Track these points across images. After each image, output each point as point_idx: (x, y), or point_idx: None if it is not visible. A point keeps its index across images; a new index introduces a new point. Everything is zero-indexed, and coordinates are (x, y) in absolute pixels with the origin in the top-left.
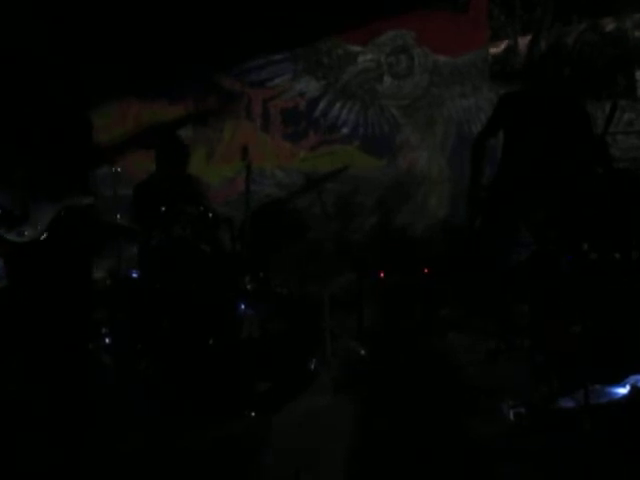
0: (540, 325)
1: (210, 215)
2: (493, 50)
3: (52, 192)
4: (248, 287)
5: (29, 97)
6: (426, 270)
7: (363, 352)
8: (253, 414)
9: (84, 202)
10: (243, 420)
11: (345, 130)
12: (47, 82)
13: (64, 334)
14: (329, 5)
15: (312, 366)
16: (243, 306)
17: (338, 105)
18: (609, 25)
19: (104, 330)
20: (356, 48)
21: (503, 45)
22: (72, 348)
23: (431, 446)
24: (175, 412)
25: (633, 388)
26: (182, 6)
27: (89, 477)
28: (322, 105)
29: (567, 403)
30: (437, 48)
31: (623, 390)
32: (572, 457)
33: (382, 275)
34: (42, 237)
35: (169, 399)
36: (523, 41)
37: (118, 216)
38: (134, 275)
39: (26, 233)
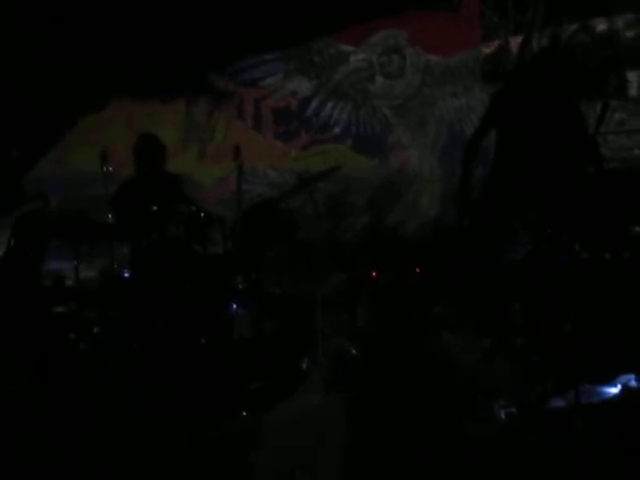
0: (534, 324)
1: (202, 215)
2: (485, 50)
3: (2, 207)
4: (240, 287)
5: None
6: (418, 269)
7: (355, 352)
8: (245, 413)
9: (34, 206)
10: (237, 419)
11: (337, 130)
12: None
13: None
14: (322, 5)
15: (304, 365)
16: (235, 306)
17: (330, 105)
18: (600, 25)
19: (96, 330)
20: (348, 48)
21: (495, 45)
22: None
23: (425, 445)
24: (168, 411)
25: (624, 388)
26: (175, 6)
27: (86, 477)
28: (314, 104)
29: (558, 403)
30: (429, 48)
31: (614, 390)
32: (563, 457)
33: (374, 274)
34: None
35: (162, 399)
36: (515, 41)
37: (109, 216)
38: (126, 275)
39: None
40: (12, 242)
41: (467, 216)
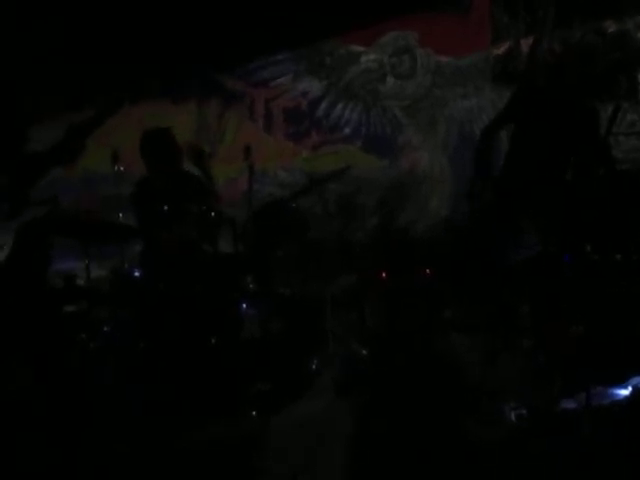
0: (542, 326)
1: (212, 214)
2: (495, 51)
3: (7, 209)
4: (250, 287)
5: None
6: (428, 270)
7: (364, 352)
8: (254, 414)
9: (43, 210)
10: (242, 420)
11: (347, 130)
12: None
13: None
14: (332, 6)
15: (313, 366)
16: (245, 306)
17: (340, 105)
18: (611, 27)
19: (106, 329)
20: (359, 48)
21: (505, 46)
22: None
23: (431, 447)
24: (174, 412)
25: (635, 390)
26: (185, 6)
27: (87, 477)
28: (324, 105)
29: (569, 405)
30: (440, 49)
31: (625, 392)
32: (574, 459)
33: (384, 275)
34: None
35: (171, 398)
36: (525, 42)
37: (120, 215)
38: (136, 274)
39: None
40: (18, 246)
41: (478, 214)
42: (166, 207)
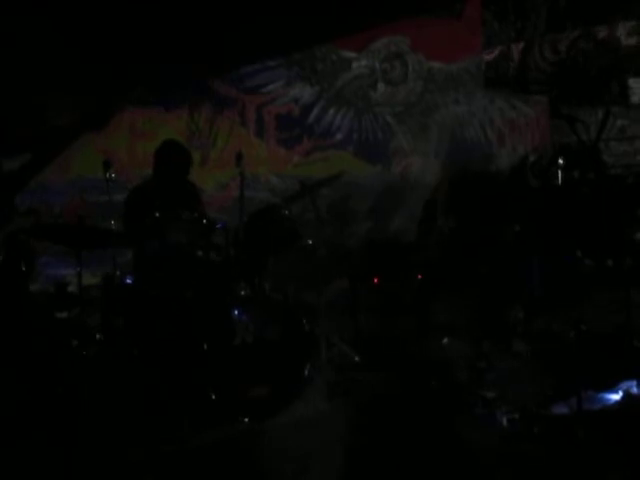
0: (534, 331)
1: (204, 221)
2: (487, 57)
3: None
4: (242, 293)
5: None
6: (420, 275)
7: (357, 358)
8: (247, 420)
9: (26, 222)
10: (239, 425)
11: (339, 136)
12: None
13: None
14: (324, 11)
15: (306, 372)
16: (237, 312)
17: (332, 111)
18: (602, 33)
19: (98, 336)
20: (350, 54)
21: (497, 52)
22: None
23: (425, 451)
24: (170, 417)
25: (626, 394)
26: (177, 12)
27: (85, 478)
28: (316, 111)
29: (560, 409)
30: (431, 55)
31: (616, 396)
32: (565, 463)
33: (376, 281)
34: None
35: (164, 404)
36: (517, 48)
37: (112, 222)
38: (128, 281)
39: None
40: (2, 257)
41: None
42: (158, 214)
